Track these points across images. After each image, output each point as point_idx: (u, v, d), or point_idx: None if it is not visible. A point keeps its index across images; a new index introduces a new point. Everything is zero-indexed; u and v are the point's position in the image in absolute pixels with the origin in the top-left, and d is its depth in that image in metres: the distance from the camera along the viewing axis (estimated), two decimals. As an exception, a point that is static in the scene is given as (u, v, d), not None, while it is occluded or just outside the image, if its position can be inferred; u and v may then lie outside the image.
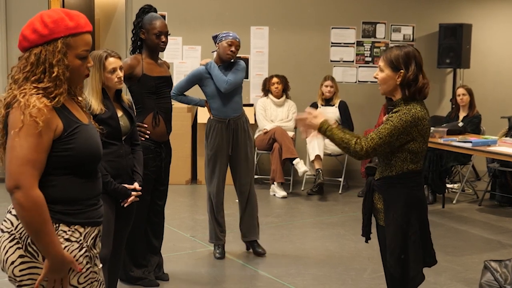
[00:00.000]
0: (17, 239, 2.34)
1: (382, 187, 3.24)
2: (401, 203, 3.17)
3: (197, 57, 8.67)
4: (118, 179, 3.81)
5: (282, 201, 7.66)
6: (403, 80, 3.16)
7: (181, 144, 7.91)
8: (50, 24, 2.33)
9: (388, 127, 3.10)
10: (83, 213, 2.42)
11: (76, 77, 2.44)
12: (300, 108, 8.25)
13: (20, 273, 2.34)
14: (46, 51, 2.33)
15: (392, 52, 3.21)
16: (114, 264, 3.98)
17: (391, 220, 3.18)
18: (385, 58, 3.22)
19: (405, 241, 3.17)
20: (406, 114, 3.11)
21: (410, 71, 3.15)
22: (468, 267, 5.30)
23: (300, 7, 8.85)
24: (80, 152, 2.37)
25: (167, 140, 4.70)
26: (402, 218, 3.17)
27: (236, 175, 5.44)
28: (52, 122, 2.30)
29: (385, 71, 3.21)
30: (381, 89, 3.27)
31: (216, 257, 5.36)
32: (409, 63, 3.17)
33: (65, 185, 2.37)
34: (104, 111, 3.77)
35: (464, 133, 7.00)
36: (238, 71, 5.28)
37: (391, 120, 3.12)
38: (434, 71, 9.06)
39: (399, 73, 3.17)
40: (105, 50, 3.91)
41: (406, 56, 3.18)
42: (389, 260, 3.21)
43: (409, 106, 3.16)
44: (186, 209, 7.28)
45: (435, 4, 9.17)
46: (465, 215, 7.10)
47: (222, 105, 5.27)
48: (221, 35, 5.26)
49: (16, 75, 2.36)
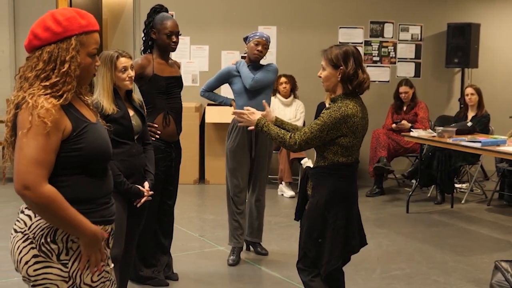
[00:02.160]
0: (30, 239, 2.34)
1: (314, 175, 3.50)
2: (325, 191, 3.42)
3: (204, 57, 8.68)
4: (131, 178, 3.82)
5: (290, 200, 7.65)
6: (343, 76, 3.39)
7: (189, 144, 7.90)
8: (64, 22, 2.33)
9: (319, 123, 3.35)
10: (96, 212, 2.42)
11: (86, 75, 2.44)
12: (308, 108, 8.26)
13: (34, 273, 2.34)
14: (59, 48, 2.33)
15: (332, 51, 3.45)
16: (125, 263, 3.98)
17: (314, 206, 3.45)
18: (326, 57, 3.46)
19: (324, 227, 3.42)
20: (336, 111, 3.34)
21: (349, 67, 3.38)
22: (478, 267, 5.28)
23: (308, 7, 8.85)
24: (90, 151, 2.37)
25: (177, 140, 4.69)
26: (324, 205, 3.41)
27: (255, 179, 5.36)
28: (60, 123, 2.30)
29: (326, 69, 3.46)
30: (324, 86, 3.51)
31: (229, 264, 5.26)
32: (347, 60, 3.41)
33: (76, 185, 2.37)
34: (117, 111, 3.77)
35: (473, 133, 6.98)
36: (268, 72, 5.23)
37: (322, 116, 3.37)
38: (442, 70, 9.05)
39: (339, 70, 3.40)
40: (116, 50, 3.91)
41: (344, 54, 3.42)
42: (306, 241, 3.49)
43: (341, 103, 3.38)
44: (194, 209, 7.29)
45: (443, 4, 9.15)
46: (474, 215, 7.08)
47: (246, 104, 5.16)
48: (249, 35, 5.23)
49: (28, 74, 2.35)
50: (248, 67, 5.21)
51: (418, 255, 5.57)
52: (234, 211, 5.28)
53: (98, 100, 3.75)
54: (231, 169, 5.27)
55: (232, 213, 5.30)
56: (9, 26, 8.33)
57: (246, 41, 5.24)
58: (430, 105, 8.28)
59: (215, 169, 8.27)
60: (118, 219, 3.77)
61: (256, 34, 5.21)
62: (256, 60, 5.22)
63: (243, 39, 5.30)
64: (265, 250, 5.52)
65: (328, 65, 3.45)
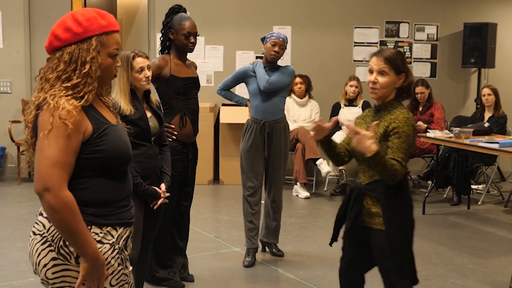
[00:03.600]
0: (49, 241, 2.33)
1: (377, 190, 3.16)
2: (400, 204, 3.17)
3: (219, 57, 8.67)
4: (147, 180, 3.80)
5: (305, 201, 7.62)
6: (404, 84, 3.10)
7: (204, 144, 7.85)
8: (84, 22, 2.32)
9: (404, 139, 3.03)
10: (115, 215, 2.41)
11: (107, 76, 2.43)
12: (323, 108, 8.23)
13: (53, 276, 2.33)
14: (80, 49, 2.31)
15: (391, 54, 3.10)
16: (141, 265, 3.97)
17: (395, 222, 3.15)
18: (388, 61, 3.08)
19: (408, 240, 3.21)
20: (409, 119, 3.06)
21: (411, 75, 3.12)
22: (496, 270, 5.23)
23: (323, 7, 8.81)
24: (110, 153, 2.35)
25: (194, 141, 4.67)
26: (403, 218, 3.18)
27: (271, 179, 5.33)
28: (81, 125, 2.28)
29: (389, 75, 3.09)
30: (378, 93, 3.11)
31: (245, 265, 5.23)
32: (407, 66, 3.13)
33: (96, 188, 2.35)
34: (134, 112, 3.76)
35: (490, 134, 6.92)
36: (284, 74, 5.18)
37: (399, 130, 3.03)
38: (458, 70, 8.98)
39: (400, 76, 3.10)
40: (132, 50, 3.89)
41: (403, 58, 3.12)
42: (398, 262, 3.20)
43: (400, 110, 3.10)
44: (209, 210, 7.28)
45: (460, 3, 9.08)
46: (491, 217, 7.02)
47: (260, 105, 5.18)
48: (266, 36, 5.19)
49: (48, 75, 2.34)
50: (265, 68, 5.18)
51: (436, 257, 5.52)
52: (248, 212, 5.26)
53: (115, 100, 3.74)
54: (245, 170, 5.25)
55: (246, 214, 5.28)
56: (24, 26, 8.35)
57: (264, 41, 5.20)
58: (446, 105, 8.22)
59: (229, 170, 8.25)
60: (135, 221, 3.77)
61: (273, 34, 5.18)
62: (273, 61, 5.19)
63: (260, 39, 5.27)
64: (281, 252, 5.49)
65: (390, 70, 3.08)
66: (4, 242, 5.68)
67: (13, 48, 8.41)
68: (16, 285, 4.73)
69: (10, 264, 5.12)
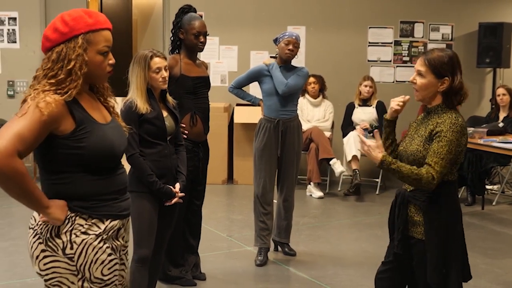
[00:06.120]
0: (38, 234, 2.43)
1: (420, 198, 3.05)
2: (443, 215, 3.02)
3: (233, 57, 8.70)
4: (162, 179, 3.82)
5: (319, 201, 7.62)
6: (448, 89, 2.99)
7: (218, 144, 7.91)
8: (70, 22, 2.39)
9: (444, 144, 2.92)
10: (101, 207, 2.45)
11: (98, 73, 2.48)
12: (337, 109, 8.22)
13: (44, 267, 2.42)
14: (67, 48, 2.38)
15: (436, 57, 3.00)
16: (154, 264, 4.00)
17: (434, 233, 3.01)
18: (428, 63, 3.00)
19: (449, 255, 3.02)
20: (455, 125, 2.95)
21: (457, 80, 2.98)
22: (509, 270, 5.21)
23: (337, 7, 8.81)
24: (91, 151, 2.39)
25: (205, 140, 4.70)
26: (446, 231, 3.01)
27: (283, 178, 5.34)
28: (58, 118, 2.32)
29: (426, 77, 3.01)
30: (418, 95, 3.07)
31: (257, 264, 5.25)
32: (455, 70, 3.00)
33: (78, 182, 2.41)
34: (150, 111, 3.79)
35: (504, 134, 6.89)
36: (299, 77, 5.21)
37: (441, 135, 2.93)
38: (473, 70, 8.93)
39: (443, 80, 3.00)
40: (150, 50, 3.89)
41: (452, 62, 2.99)
42: (431, 275, 3.02)
43: (450, 114, 3.00)
44: (222, 209, 7.30)
45: (475, 3, 9.04)
46: (505, 217, 6.98)
47: (275, 105, 5.20)
48: (278, 36, 5.22)
49: (37, 73, 2.42)
50: (280, 68, 5.20)
51: (448, 257, 5.50)
52: (260, 212, 5.27)
53: (132, 99, 3.77)
54: (258, 169, 5.26)
55: (258, 214, 5.29)
56: (41, 27, 8.42)
57: (276, 42, 5.22)
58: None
59: (243, 169, 8.27)
60: (148, 219, 3.80)
61: (285, 34, 5.20)
62: (288, 60, 5.21)
63: (272, 41, 5.29)
64: (293, 251, 5.50)
65: (429, 73, 2.99)
66: (20, 241, 5.74)
67: (30, 48, 8.48)
68: (30, 282, 4.78)
69: (25, 262, 5.17)
